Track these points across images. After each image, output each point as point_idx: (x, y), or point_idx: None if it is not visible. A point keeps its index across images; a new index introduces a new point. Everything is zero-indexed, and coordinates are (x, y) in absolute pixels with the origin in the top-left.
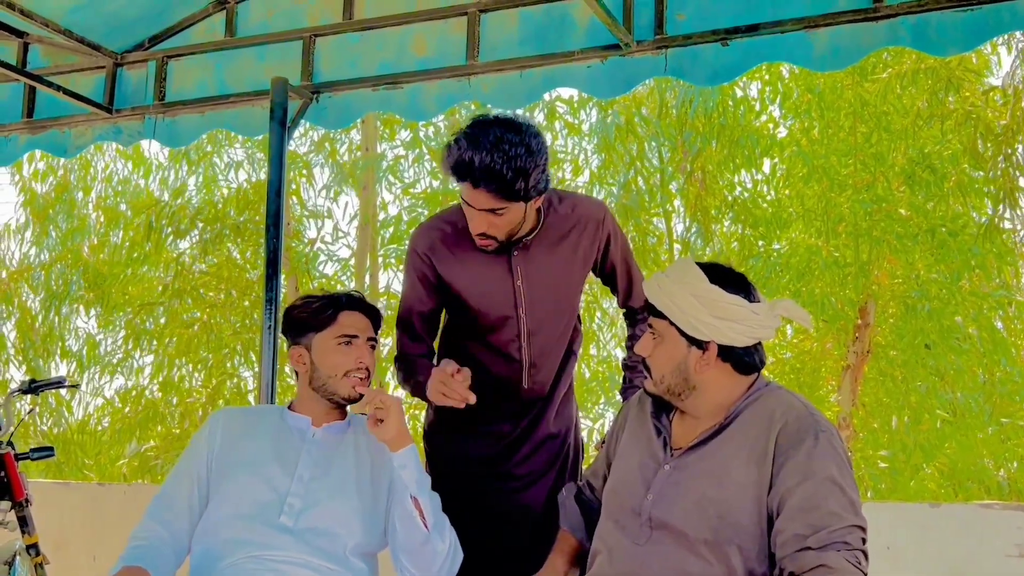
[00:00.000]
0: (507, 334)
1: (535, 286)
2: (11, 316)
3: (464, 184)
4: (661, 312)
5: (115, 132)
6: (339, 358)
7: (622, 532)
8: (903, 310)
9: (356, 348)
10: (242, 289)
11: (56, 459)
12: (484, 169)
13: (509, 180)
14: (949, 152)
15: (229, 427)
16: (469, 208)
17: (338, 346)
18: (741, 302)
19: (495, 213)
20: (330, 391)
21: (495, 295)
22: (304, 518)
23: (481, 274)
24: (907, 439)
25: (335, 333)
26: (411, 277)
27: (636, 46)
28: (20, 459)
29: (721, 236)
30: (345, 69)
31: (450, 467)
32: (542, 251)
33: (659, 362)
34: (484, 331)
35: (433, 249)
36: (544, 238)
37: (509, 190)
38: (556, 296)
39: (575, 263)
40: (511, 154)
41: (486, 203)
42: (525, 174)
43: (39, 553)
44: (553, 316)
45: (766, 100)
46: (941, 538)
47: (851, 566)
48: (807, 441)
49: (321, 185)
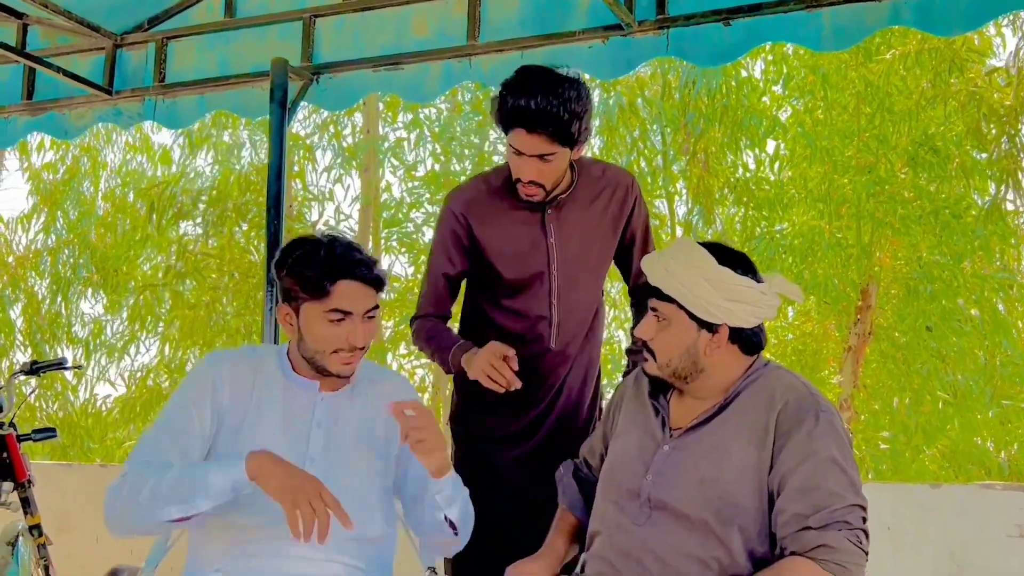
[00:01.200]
0: (538, 291)
1: (567, 244)
2: (18, 301)
3: (517, 130)
4: (668, 295)
5: (115, 114)
6: (328, 334)
7: (621, 512)
8: (905, 292)
9: (348, 325)
10: (245, 271)
11: (60, 441)
12: (540, 112)
13: (565, 122)
14: (952, 133)
15: (236, 381)
16: (519, 157)
17: (329, 322)
18: (750, 283)
19: (544, 159)
20: (318, 364)
21: (528, 252)
22: (324, 480)
23: (515, 232)
24: (908, 421)
25: (327, 307)
26: (443, 237)
27: (638, 26)
28: (22, 440)
29: (724, 218)
30: (345, 50)
31: (475, 448)
32: (575, 210)
33: (666, 346)
34: (513, 290)
35: (469, 208)
36: (576, 198)
37: (564, 133)
38: (586, 256)
39: (605, 224)
40: (565, 97)
41: (539, 148)
42: (579, 117)
43: (42, 534)
44: (583, 275)
45: (769, 80)
46: (942, 518)
47: (852, 545)
48: (808, 421)
49: (323, 167)
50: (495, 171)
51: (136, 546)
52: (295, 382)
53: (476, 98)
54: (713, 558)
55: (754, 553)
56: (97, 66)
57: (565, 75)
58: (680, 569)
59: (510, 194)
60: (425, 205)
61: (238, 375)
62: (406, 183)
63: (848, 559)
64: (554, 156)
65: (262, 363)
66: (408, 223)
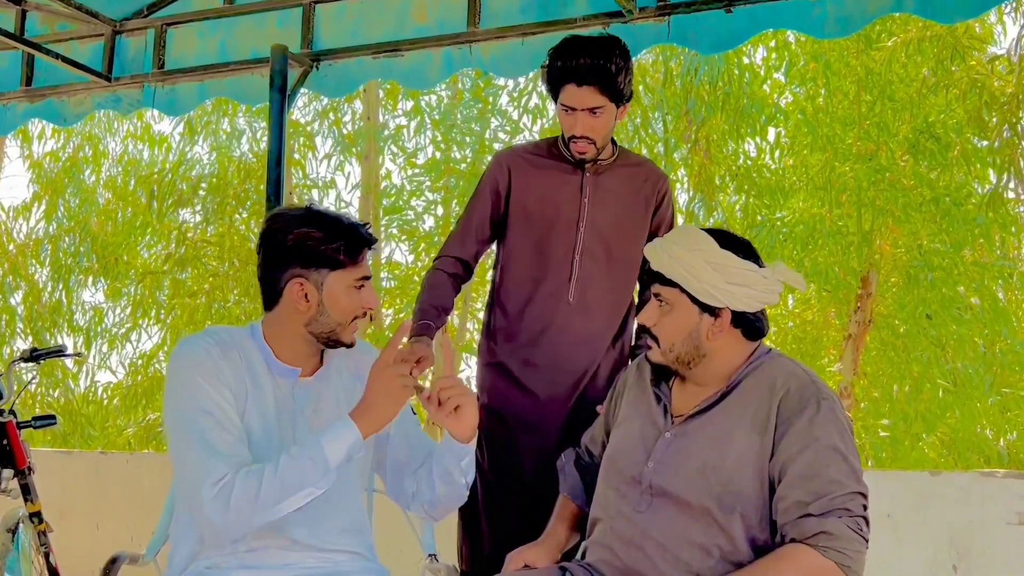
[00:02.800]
0: (563, 244)
1: (600, 206)
2: (19, 289)
3: (568, 86)
4: (671, 280)
5: (114, 100)
6: (355, 303)
7: (622, 500)
8: (905, 280)
9: (367, 290)
10: (245, 258)
11: (60, 428)
12: (591, 66)
13: (615, 75)
14: (953, 121)
15: (232, 366)
16: (570, 113)
17: (356, 290)
18: (752, 267)
19: (594, 114)
20: (334, 337)
21: (561, 202)
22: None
23: (554, 185)
24: (908, 408)
25: (356, 275)
26: (482, 185)
27: (639, 13)
28: (22, 427)
29: (725, 206)
30: (345, 37)
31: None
32: (612, 179)
33: (669, 331)
34: (540, 238)
35: (514, 162)
36: (616, 171)
37: (613, 86)
38: (616, 222)
39: (638, 202)
40: (611, 53)
41: (590, 101)
42: (626, 72)
43: (42, 521)
44: (609, 240)
45: (771, 68)
46: (941, 506)
47: (852, 532)
48: (809, 409)
49: (323, 155)
50: (544, 140)
51: (136, 533)
52: (277, 370)
53: (477, 85)
54: (714, 545)
55: (755, 540)
56: (96, 52)
57: (607, 36)
58: (681, 556)
59: (554, 157)
60: (426, 193)
61: (231, 360)
62: (406, 171)
63: (848, 546)
64: (603, 110)
65: (243, 348)
66: (408, 211)
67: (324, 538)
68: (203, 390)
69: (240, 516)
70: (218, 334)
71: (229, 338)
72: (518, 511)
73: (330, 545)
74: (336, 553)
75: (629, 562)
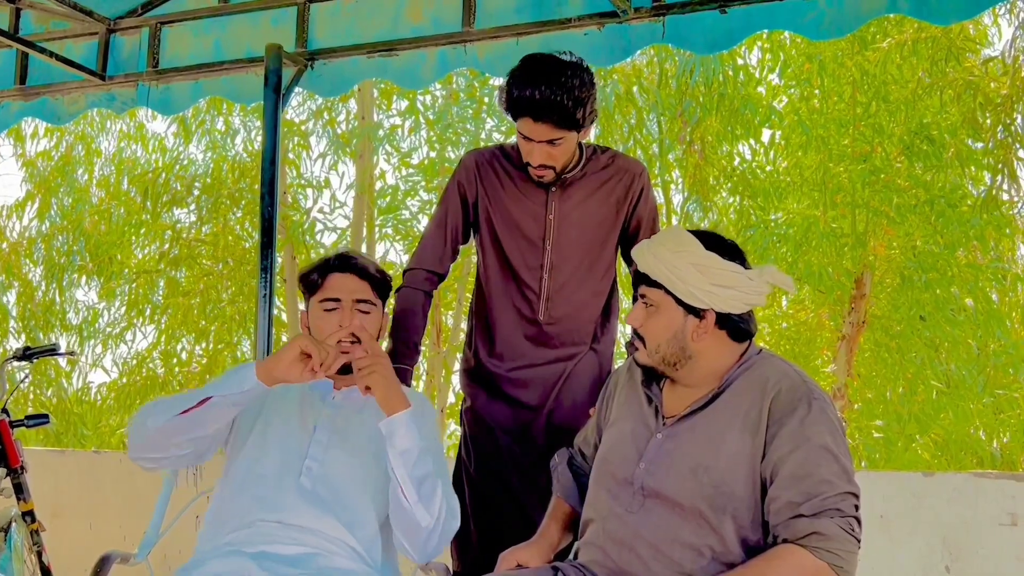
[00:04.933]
0: (531, 261)
1: (565, 222)
2: (11, 288)
3: (524, 119)
4: (656, 281)
5: (108, 99)
6: (323, 324)
7: (614, 501)
8: (899, 281)
9: (339, 312)
10: (239, 258)
11: (53, 427)
12: (545, 101)
13: (570, 109)
14: (948, 123)
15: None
16: (528, 142)
17: (324, 312)
18: (737, 268)
19: (553, 144)
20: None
21: (526, 221)
22: (322, 483)
23: (519, 201)
24: (901, 409)
25: (319, 297)
26: (450, 190)
27: (633, 13)
28: (15, 426)
29: (719, 207)
30: (340, 36)
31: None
32: (579, 192)
33: (654, 332)
34: (509, 253)
35: (481, 166)
36: (584, 181)
37: (570, 119)
38: (584, 236)
39: (608, 208)
40: (568, 85)
41: (547, 134)
42: (583, 103)
43: (35, 520)
44: (578, 255)
45: (766, 69)
46: (934, 507)
47: (844, 533)
48: (800, 409)
49: (318, 154)
50: (514, 145)
51: (129, 533)
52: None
53: (471, 85)
54: (706, 546)
55: (747, 541)
56: (90, 51)
57: (568, 61)
58: (673, 557)
59: (521, 168)
60: (420, 193)
61: None
62: (400, 170)
63: (840, 546)
64: (562, 140)
65: None
66: (403, 210)
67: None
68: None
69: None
70: None
71: None
72: (504, 513)
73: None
74: (327, 542)
75: (621, 563)
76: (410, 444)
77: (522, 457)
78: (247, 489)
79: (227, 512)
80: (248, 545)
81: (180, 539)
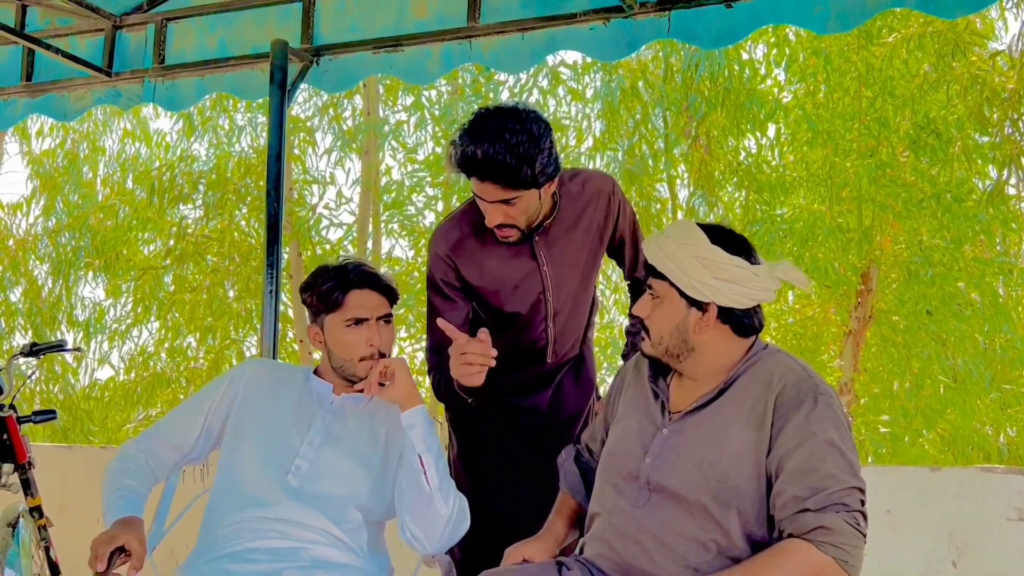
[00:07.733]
0: (535, 317)
1: (559, 267)
2: (18, 284)
3: (472, 179)
4: (661, 273)
5: (114, 95)
6: (350, 341)
7: (620, 495)
8: (905, 276)
9: (366, 329)
10: (245, 254)
11: (60, 423)
12: (488, 161)
13: (514, 168)
14: (954, 117)
15: (255, 381)
16: (482, 202)
17: (347, 328)
18: (742, 263)
19: (508, 203)
20: (348, 373)
21: (524, 284)
22: (310, 481)
23: (507, 266)
24: (908, 405)
25: (343, 316)
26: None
27: (639, 8)
28: (22, 422)
29: (724, 202)
30: (345, 31)
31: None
32: (562, 232)
33: (658, 323)
34: (511, 319)
35: (455, 250)
36: (562, 220)
37: (516, 179)
38: (579, 274)
39: (593, 238)
40: (513, 142)
41: (497, 195)
42: (530, 160)
43: (42, 515)
44: (576, 293)
45: (771, 63)
46: (941, 502)
47: (850, 527)
48: (806, 404)
49: (323, 150)
50: (473, 205)
51: None
52: (314, 383)
53: (477, 80)
54: (711, 540)
55: (752, 536)
56: (96, 48)
57: (519, 113)
58: (678, 551)
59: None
60: (426, 188)
61: (259, 376)
62: (406, 166)
63: (846, 541)
64: (517, 199)
65: (291, 372)
66: (409, 206)
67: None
68: (200, 398)
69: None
70: (283, 364)
71: (289, 369)
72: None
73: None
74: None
75: (627, 557)
76: (429, 435)
77: (522, 459)
78: (238, 487)
79: (219, 510)
80: (235, 543)
81: (186, 534)
